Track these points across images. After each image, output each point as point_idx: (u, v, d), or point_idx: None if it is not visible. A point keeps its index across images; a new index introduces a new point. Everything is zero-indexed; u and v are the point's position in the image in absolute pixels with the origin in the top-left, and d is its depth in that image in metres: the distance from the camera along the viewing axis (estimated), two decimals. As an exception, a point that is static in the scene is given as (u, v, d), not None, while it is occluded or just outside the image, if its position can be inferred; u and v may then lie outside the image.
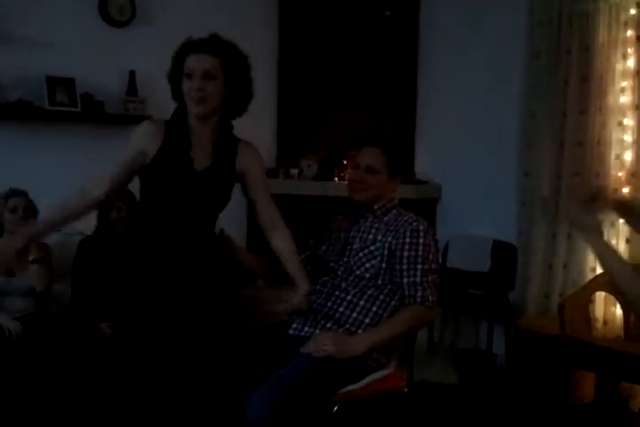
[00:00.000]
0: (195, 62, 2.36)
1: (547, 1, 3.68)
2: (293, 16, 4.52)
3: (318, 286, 2.41)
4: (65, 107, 3.65)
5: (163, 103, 4.01)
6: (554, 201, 3.65)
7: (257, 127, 4.47)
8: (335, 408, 2.19)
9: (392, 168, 2.43)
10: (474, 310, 3.95)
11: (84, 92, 3.73)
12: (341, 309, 2.32)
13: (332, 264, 2.45)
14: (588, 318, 3.32)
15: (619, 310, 3.38)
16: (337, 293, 2.36)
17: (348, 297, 2.34)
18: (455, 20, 4.26)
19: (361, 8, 4.45)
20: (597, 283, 3.31)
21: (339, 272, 2.41)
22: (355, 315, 2.31)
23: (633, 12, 3.39)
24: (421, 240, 2.33)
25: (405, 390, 2.35)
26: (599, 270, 3.46)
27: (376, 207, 2.44)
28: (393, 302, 2.34)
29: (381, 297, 2.34)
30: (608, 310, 3.44)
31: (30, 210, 3.10)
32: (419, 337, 2.67)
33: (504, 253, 3.88)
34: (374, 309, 2.32)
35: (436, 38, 4.34)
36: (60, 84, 3.65)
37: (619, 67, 3.47)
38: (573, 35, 3.58)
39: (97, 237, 3.24)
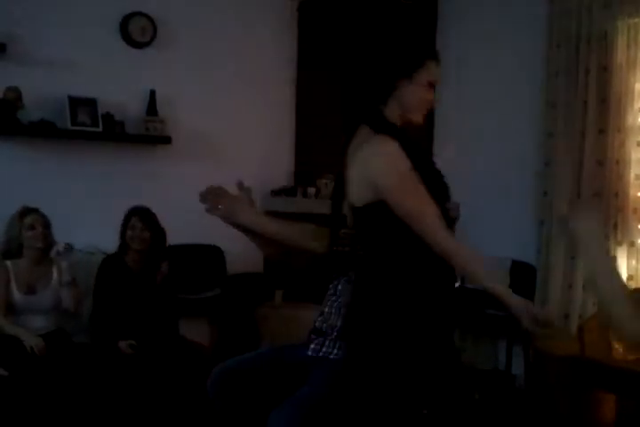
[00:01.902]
0: (439, 72, 2.04)
1: (565, 21, 3.69)
2: (311, 32, 4.54)
3: (326, 308, 2.43)
4: (86, 127, 3.71)
5: (182, 123, 4.10)
6: (573, 221, 3.63)
7: (275, 146, 4.54)
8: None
9: None
10: (492, 331, 3.92)
11: (106, 112, 3.79)
12: None
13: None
14: (607, 340, 3.29)
15: (639, 332, 3.34)
16: (343, 311, 2.35)
17: None
18: (472, 40, 4.27)
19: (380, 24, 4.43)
20: (617, 304, 3.28)
21: (344, 289, 2.42)
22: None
23: (651, 32, 3.40)
24: None
25: (425, 411, 2.33)
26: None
27: None
28: None
29: None
30: (629, 331, 3.40)
31: (47, 225, 3.13)
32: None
33: (523, 273, 3.85)
34: None
35: (454, 49, 4.32)
36: (81, 104, 3.71)
37: (637, 87, 3.48)
38: (591, 55, 3.59)
39: (118, 256, 3.26)
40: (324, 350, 2.35)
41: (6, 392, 2.73)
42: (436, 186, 1.94)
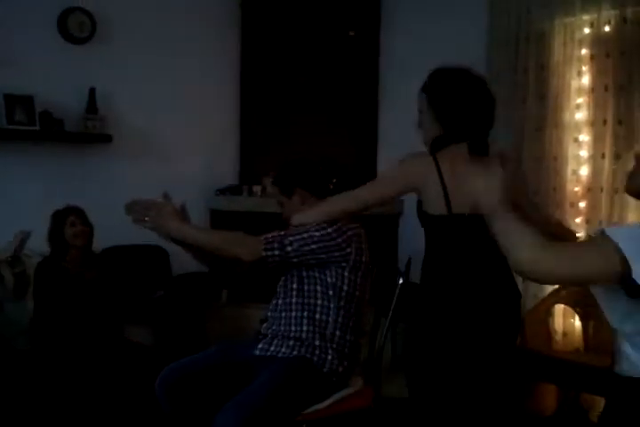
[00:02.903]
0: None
1: (504, 22, 3.76)
2: (255, 32, 4.53)
3: (270, 313, 2.45)
4: (23, 125, 3.60)
5: (124, 121, 4.02)
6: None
7: (220, 144, 4.50)
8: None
9: (288, 191, 2.47)
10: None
11: (43, 110, 3.68)
12: (293, 328, 2.36)
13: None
14: (547, 331, 3.38)
15: (577, 323, 3.44)
16: (283, 314, 2.40)
17: (292, 313, 2.37)
18: (416, 41, 4.30)
19: (324, 28, 4.47)
20: (557, 296, 3.38)
21: (281, 292, 2.45)
22: (305, 328, 2.34)
23: (587, 31, 3.49)
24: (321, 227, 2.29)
25: (372, 406, 2.36)
26: (558, 284, 3.53)
27: None
28: (326, 303, 2.35)
29: (319, 302, 2.36)
30: (567, 322, 3.50)
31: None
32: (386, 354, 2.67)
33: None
34: (317, 316, 2.35)
35: (396, 59, 4.38)
36: (18, 102, 3.61)
37: (574, 84, 3.58)
38: (530, 54, 3.68)
39: (54, 259, 3.18)
40: (271, 349, 2.35)
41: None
42: None
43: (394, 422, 2.75)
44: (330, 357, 2.31)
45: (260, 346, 2.37)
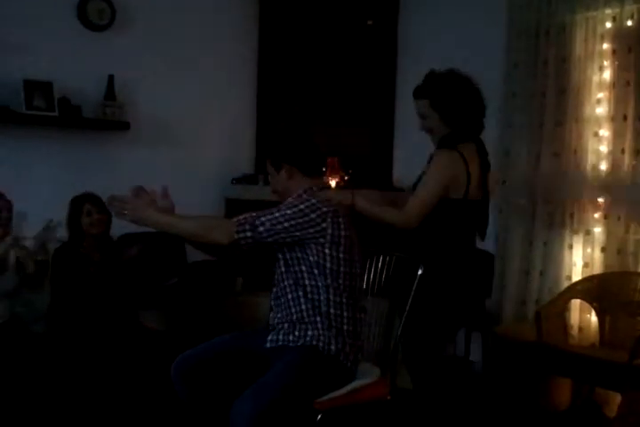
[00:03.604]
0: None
1: (524, 13, 3.74)
2: (273, 25, 4.53)
3: (272, 301, 2.44)
4: (42, 111, 3.61)
5: (141, 108, 4.03)
6: (531, 209, 3.70)
7: (236, 133, 4.50)
8: (319, 417, 2.19)
9: (276, 164, 2.42)
10: (459, 319, 3.96)
11: (62, 97, 3.70)
12: (293, 309, 2.34)
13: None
14: (564, 326, 3.37)
15: (594, 318, 3.43)
16: (282, 299, 2.38)
17: (289, 296, 2.35)
18: (434, 31, 4.29)
19: (342, 17, 4.46)
20: (573, 291, 3.37)
21: (276, 279, 2.43)
22: (303, 306, 2.32)
23: (609, 25, 3.46)
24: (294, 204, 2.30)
25: (389, 398, 2.36)
26: (575, 278, 3.52)
27: None
28: (314, 282, 2.32)
29: (307, 282, 2.33)
30: (583, 317, 3.49)
31: (11, 210, 3.08)
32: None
33: (482, 261, 3.90)
34: (309, 296, 2.32)
35: (414, 49, 4.37)
36: (37, 88, 3.62)
37: (595, 79, 3.54)
38: (550, 47, 3.65)
39: (72, 244, 3.19)
40: (280, 338, 2.35)
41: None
42: None
43: (408, 414, 2.76)
44: (332, 335, 2.29)
45: (269, 338, 2.36)
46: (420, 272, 2.50)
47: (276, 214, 2.24)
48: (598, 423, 3.17)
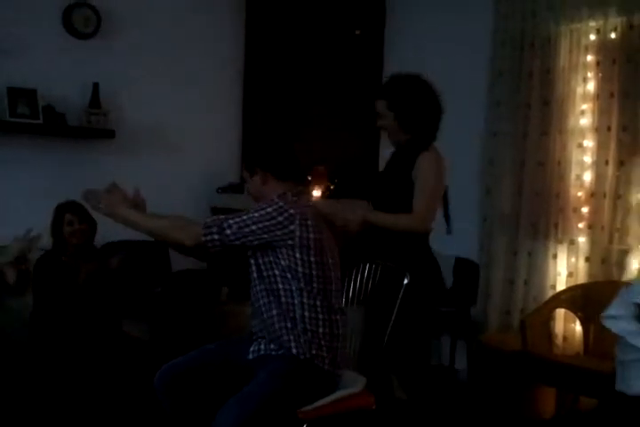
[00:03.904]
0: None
1: (510, 23, 3.77)
2: (260, 29, 4.51)
3: (249, 308, 2.43)
4: (26, 119, 3.58)
5: (126, 117, 4.01)
6: (514, 219, 3.73)
7: (221, 142, 4.49)
8: (304, 426, 2.18)
9: (250, 169, 2.43)
10: (436, 326, 3.98)
11: (46, 104, 3.67)
12: (266, 315, 2.32)
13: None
14: (548, 335, 3.38)
15: (578, 327, 3.45)
16: (256, 305, 2.36)
17: (261, 302, 2.33)
18: (419, 40, 4.32)
19: (331, 26, 4.46)
20: (558, 300, 3.39)
21: (251, 285, 2.40)
22: (275, 312, 2.30)
23: (593, 37, 3.50)
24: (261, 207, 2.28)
25: (374, 407, 2.35)
26: (559, 287, 3.54)
27: None
28: (287, 286, 2.30)
29: (280, 286, 2.30)
30: (568, 326, 3.51)
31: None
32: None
33: (466, 270, 3.92)
34: (282, 299, 2.29)
35: (400, 58, 4.38)
36: (21, 96, 3.59)
37: (579, 90, 3.58)
38: (535, 58, 3.69)
39: (54, 253, 3.16)
40: (262, 347, 2.33)
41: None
42: None
43: (395, 423, 2.75)
44: (307, 339, 2.27)
45: (251, 349, 2.35)
46: (405, 281, 2.50)
47: (244, 217, 2.23)
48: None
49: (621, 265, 3.38)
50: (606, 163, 3.43)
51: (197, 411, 2.31)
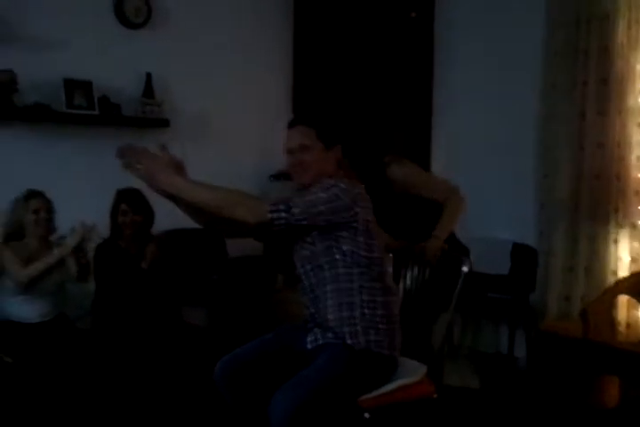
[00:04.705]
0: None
1: (564, 2, 3.65)
2: (309, 12, 4.49)
3: (304, 297, 2.36)
4: (82, 110, 3.64)
5: (180, 106, 4.04)
6: (574, 203, 3.63)
7: (274, 129, 4.45)
8: (366, 415, 2.17)
9: (325, 139, 2.29)
10: (494, 314, 3.93)
11: (102, 95, 3.72)
12: (321, 304, 2.27)
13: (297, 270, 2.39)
14: (611, 322, 3.30)
15: (641, 313, 3.37)
16: (316, 293, 2.29)
17: (318, 291, 2.27)
18: (472, 22, 4.23)
19: (385, 9, 4.38)
20: (620, 286, 3.30)
21: (302, 273, 2.34)
22: (335, 300, 2.25)
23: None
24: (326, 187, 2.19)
25: (435, 396, 2.33)
26: (621, 273, 3.45)
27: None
28: (349, 270, 2.24)
29: (340, 270, 2.24)
30: (631, 313, 3.42)
31: (51, 210, 3.10)
32: (438, 342, 2.64)
33: (524, 256, 3.86)
34: (342, 285, 2.24)
35: (453, 40, 4.32)
36: (77, 87, 3.65)
37: (638, 68, 3.45)
38: (592, 36, 3.56)
39: (112, 241, 3.22)
40: (319, 337, 2.29)
41: (10, 379, 2.71)
42: None
43: (455, 412, 2.74)
44: (366, 325, 2.23)
45: (308, 339, 2.32)
46: (465, 269, 2.46)
47: (311, 197, 2.15)
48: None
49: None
50: (669, 143, 3.32)
51: (258, 401, 2.29)
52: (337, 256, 2.25)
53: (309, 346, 2.30)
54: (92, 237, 3.12)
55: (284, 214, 2.10)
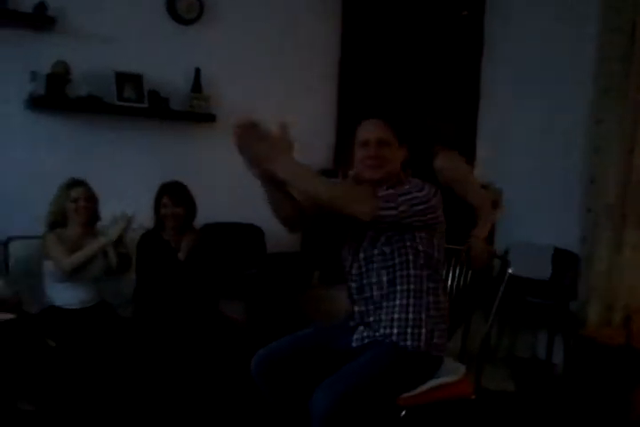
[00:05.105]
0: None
1: (619, 7, 3.60)
2: (356, 14, 4.49)
3: (356, 296, 2.34)
4: (132, 102, 3.70)
5: (227, 101, 4.08)
6: (620, 209, 3.58)
7: (317, 127, 4.50)
8: (403, 413, 2.17)
9: (400, 137, 2.27)
10: (532, 319, 3.89)
11: (151, 89, 3.78)
12: (385, 303, 2.25)
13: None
14: (654, 330, 3.25)
15: (685, 324, 3.30)
16: (374, 293, 2.28)
17: (385, 290, 2.25)
18: (525, 23, 4.20)
19: (437, 6, 4.38)
20: (664, 295, 3.24)
21: (364, 271, 2.31)
22: (398, 302, 2.23)
23: None
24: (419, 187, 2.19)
25: (473, 397, 2.32)
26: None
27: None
28: (418, 272, 2.23)
29: (411, 272, 2.23)
30: (676, 321, 3.36)
31: (91, 198, 3.14)
32: (474, 344, 2.62)
33: (565, 262, 3.81)
34: (412, 286, 2.23)
35: (503, 38, 4.28)
36: (128, 80, 3.71)
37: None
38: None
39: (155, 232, 3.27)
40: (366, 335, 2.28)
41: (54, 363, 2.76)
42: None
43: (492, 414, 2.71)
44: (424, 330, 2.21)
45: (355, 337, 2.30)
46: (510, 271, 2.45)
47: (410, 196, 2.13)
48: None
49: None
50: None
51: (294, 396, 2.28)
52: (410, 257, 2.23)
53: (354, 344, 2.28)
54: (130, 228, 3.16)
55: (393, 212, 2.10)
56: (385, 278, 2.26)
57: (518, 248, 3.97)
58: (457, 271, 2.72)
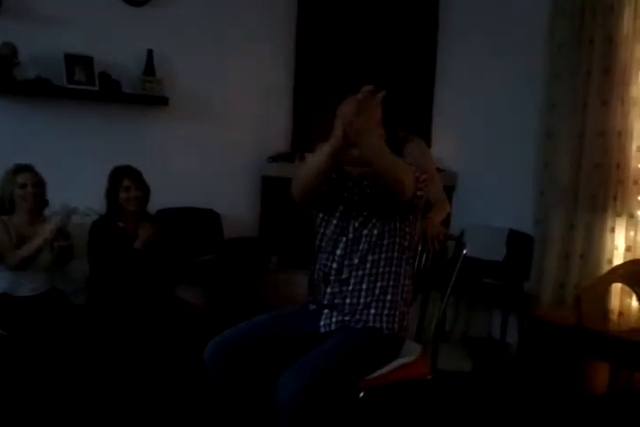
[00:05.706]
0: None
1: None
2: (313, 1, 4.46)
3: (332, 277, 2.31)
4: (83, 85, 3.62)
5: (180, 84, 4.02)
6: (573, 191, 3.64)
7: (273, 112, 4.47)
8: (361, 394, 2.18)
9: (385, 117, 2.25)
10: (487, 299, 3.95)
11: (102, 71, 3.70)
12: (364, 285, 2.25)
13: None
14: (604, 310, 3.32)
15: (634, 302, 3.38)
16: (353, 273, 2.26)
17: (369, 271, 2.25)
18: (476, 8, 4.22)
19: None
20: (614, 275, 3.31)
21: (344, 253, 2.30)
22: (379, 284, 2.24)
23: (659, 3, 3.36)
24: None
25: (429, 377, 2.35)
26: (616, 262, 3.47)
27: None
28: (400, 255, 2.26)
29: (395, 254, 2.25)
30: (624, 301, 3.43)
31: (39, 184, 3.06)
32: (431, 325, 2.64)
33: (519, 243, 3.87)
34: (393, 269, 2.25)
35: (457, 26, 4.31)
36: (78, 63, 3.63)
37: (642, 58, 3.45)
38: (597, 25, 3.54)
39: (109, 218, 3.19)
40: (336, 320, 2.26)
41: (4, 352, 2.71)
42: None
43: (447, 394, 2.75)
44: (397, 311, 2.23)
45: (322, 323, 2.27)
46: (465, 252, 2.47)
47: (425, 177, 2.18)
48: (637, 408, 3.13)
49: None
50: (670, 133, 3.32)
51: (251, 384, 2.25)
52: (397, 239, 2.24)
53: (323, 330, 2.27)
54: (71, 221, 3.08)
55: (423, 192, 2.17)
56: (370, 259, 2.25)
57: (474, 230, 4.02)
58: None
